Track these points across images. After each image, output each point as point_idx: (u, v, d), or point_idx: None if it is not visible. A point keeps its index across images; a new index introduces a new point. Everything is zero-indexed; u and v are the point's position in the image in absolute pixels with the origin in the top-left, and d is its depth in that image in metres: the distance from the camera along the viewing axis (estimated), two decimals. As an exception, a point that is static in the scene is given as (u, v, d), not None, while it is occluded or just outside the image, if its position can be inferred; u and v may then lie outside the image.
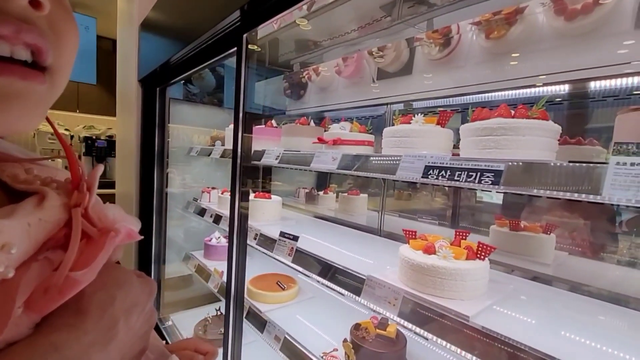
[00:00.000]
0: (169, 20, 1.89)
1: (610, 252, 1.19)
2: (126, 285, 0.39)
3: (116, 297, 0.37)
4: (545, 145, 0.78)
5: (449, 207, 1.77)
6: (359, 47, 1.89)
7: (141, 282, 0.42)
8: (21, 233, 0.30)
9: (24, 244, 0.30)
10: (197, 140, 2.70)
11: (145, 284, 0.42)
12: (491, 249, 0.92)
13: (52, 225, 0.33)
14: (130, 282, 0.40)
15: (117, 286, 0.38)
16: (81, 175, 0.38)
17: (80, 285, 0.32)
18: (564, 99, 1.28)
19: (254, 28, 1.15)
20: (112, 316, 0.36)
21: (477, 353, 0.73)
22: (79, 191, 0.36)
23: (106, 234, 0.35)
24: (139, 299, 0.40)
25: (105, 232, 0.35)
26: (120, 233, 0.36)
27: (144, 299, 0.41)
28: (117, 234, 0.36)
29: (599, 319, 0.89)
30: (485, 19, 1.33)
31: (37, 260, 0.31)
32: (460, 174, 0.75)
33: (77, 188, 0.37)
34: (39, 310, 0.31)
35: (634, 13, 1.03)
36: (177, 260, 2.58)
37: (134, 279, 0.41)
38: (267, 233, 1.47)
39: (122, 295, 0.38)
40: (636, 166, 0.53)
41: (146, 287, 0.42)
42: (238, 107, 1.25)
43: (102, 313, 0.35)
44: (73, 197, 0.36)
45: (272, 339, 1.40)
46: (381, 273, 1.02)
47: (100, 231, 0.35)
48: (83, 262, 0.33)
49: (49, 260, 0.32)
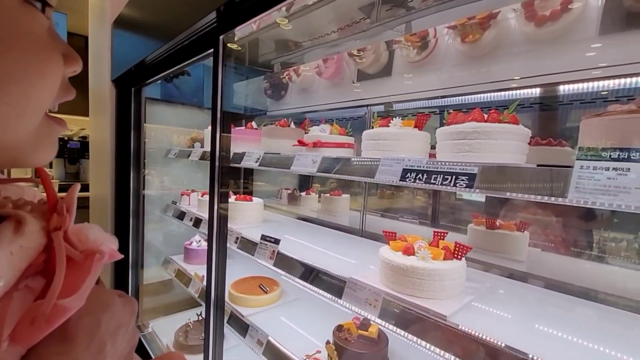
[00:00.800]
0: (143, 19, 1.83)
1: (581, 247, 1.25)
2: (110, 307, 0.39)
3: (102, 321, 0.37)
4: (516, 149, 0.81)
5: (430, 205, 1.80)
6: (339, 48, 1.90)
7: (123, 302, 0.42)
8: (6, 263, 0.28)
9: (9, 274, 0.28)
10: (176, 141, 2.64)
11: (128, 304, 0.42)
12: (467, 249, 0.95)
13: (34, 251, 0.31)
14: (114, 304, 0.40)
15: (102, 309, 0.38)
16: (56, 195, 0.37)
17: (69, 312, 0.31)
18: (535, 102, 1.33)
19: (231, 30, 1.13)
20: (100, 340, 0.36)
21: (454, 351, 0.75)
22: (58, 213, 0.35)
23: (91, 256, 0.34)
24: (122, 319, 0.40)
25: (90, 255, 0.34)
26: (105, 254, 0.35)
27: (127, 319, 0.41)
28: (102, 255, 0.35)
29: (570, 313, 0.93)
30: (461, 23, 1.36)
31: (18, 290, 0.29)
32: (437, 177, 0.76)
33: (54, 210, 0.35)
34: (25, 342, 0.30)
35: (597, 20, 1.08)
36: (156, 265, 2.51)
37: (117, 300, 0.41)
38: (248, 236, 1.45)
39: (108, 317, 0.38)
40: (599, 170, 0.56)
41: (129, 307, 0.42)
42: (215, 109, 1.23)
43: (90, 338, 0.35)
44: (52, 220, 0.34)
45: (255, 343, 1.39)
46: (362, 274, 1.03)
47: (83, 254, 0.34)
48: (69, 288, 0.31)
49: (29, 288, 0.31)
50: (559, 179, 0.59)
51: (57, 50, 0.36)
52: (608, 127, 0.63)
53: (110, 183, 2.36)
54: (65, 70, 0.39)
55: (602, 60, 1.07)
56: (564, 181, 0.59)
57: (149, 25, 1.76)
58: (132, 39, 1.95)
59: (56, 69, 0.36)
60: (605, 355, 0.70)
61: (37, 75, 0.34)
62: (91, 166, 3.02)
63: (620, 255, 1.15)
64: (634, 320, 0.88)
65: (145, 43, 1.76)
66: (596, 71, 1.09)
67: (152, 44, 1.67)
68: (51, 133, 0.40)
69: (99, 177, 2.68)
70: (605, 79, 1.10)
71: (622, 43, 1.02)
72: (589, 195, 0.56)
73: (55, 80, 0.37)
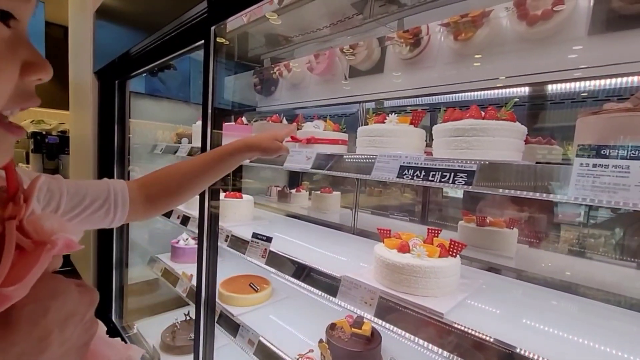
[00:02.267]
0: (128, 8, 1.76)
1: (567, 243, 1.28)
2: (62, 296, 0.39)
3: (50, 308, 0.37)
4: (513, 146, 0.82)
5: (418, 202, 1.81)
6: (330, 44, 1.88)
7: (80, 291, 0.41)
8: None
9: None
10: (161, 136, 2.56)
11: (85, 293, 0.42)
12: (462, 246, 0.95)
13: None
14: (68, 292, 0.40)
15: (52, 297, 0.38)
16: (19, 184, 0.37)
17: (10, 300, 0.31)
18: (525, 100, 1.35)
19: (223, 21, 1.09)
20: (44, 327, 0.36)
21: (452, 348, 0.75)
22: (15, 203, 0.35)
23: (41, 246, 0.34)
24: (76, 309, 0.40)
25: (40, 245, 0.34)
26: (56, 245, 0.35)
27: (82, 309, 0.41)
28: (53, 246, 0.35)
29: (559, 307, 0.95)
30: (454, 20, 1.36)
31: None
32: (435, 174, 0.76)
33: (12, 199, 0.35)
34: None
35: (587, 21, 1.09)
36: (141, 264, 2.43)
37: (72, 288, 0.41)
38: (239, 234, 1.42)
39: (58, 305, 0.38)
40: (598, 168, 0.56)
41: (86, 297, 0.42)
42: (207, 104, 1.19)
43: (33, 324, 0.35)
44: (7, 208, 0.35)
45: (246, 343, 1.36)
46: (356, 272, 1.02)
47: (35, 243, 0.35)
48: (15, 277, 0.32)
49: None
50: (558, 176, 0.60)
51: (10, 61, 0.37)
52: (605, 125, 0.64)
53: (93, 179, 2.27)
54: (26, 79, 0.39)
55: (591, 60, 1.08)
56: (563, 178, 0.59)
57: (134, 14, 1.69)
58: (116, 29, 1.87)
59: (3, 80, 0.37)
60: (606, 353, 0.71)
61: None
62: (72, 162, 2.91)
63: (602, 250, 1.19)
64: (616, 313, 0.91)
65: (130, 33, 1.69)
66: (585, 71, 1.11)
67: (138, 34, 1.60)
68: (2, 141, 0.39)
69: (80, 173, 2.58)
70: (595, 79, 1.13)
71: (611, 43, 1.04)
72: (589, 192, 0.56)
73: (3, 91, 0.37)
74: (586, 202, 0.56)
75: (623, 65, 1.00)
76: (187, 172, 0.86)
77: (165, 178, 0.84)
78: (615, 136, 0.62)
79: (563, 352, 0.69)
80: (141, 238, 2.54)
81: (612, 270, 1.13)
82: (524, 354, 0.66)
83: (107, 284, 2.32)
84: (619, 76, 1.07)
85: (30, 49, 0.40)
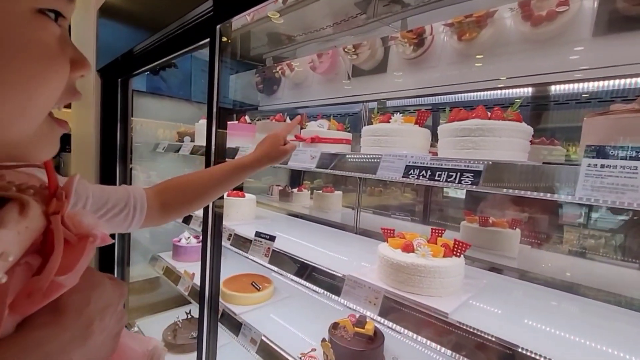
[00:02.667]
0: (132, 6, 1.75)
1: (568, 243, 1.28)
2: (100, 287, 0.42)
3: (91, 298, 0.40)
4: (519, 146, 0.82)
5: (418, 202, 1.82)
6: (333, 43, 1.88)
7: (113, 284, 0.44)
8: (14, 241, 0.31)
9: (16, 251, 0.32)
10: (162, 135, 2.56)
11: (117, 286, 0.45)
12: (466, 246, 0.95)
13: (36, 233, 0.34)
14: (104, 284, 0.43)
15: (92, 288, 0.41)
16: (57, 182, 0.40)
17: (63, 288, 0.34)
18: (528, 101, 1.35)
19: (229, 19, 1.09)
20: (88, 316, 0.39)
21: (456, 348, 0.75)
22: (58, 199, 0.38)
23: (85, 239, 0.37)
24: (111, 300, 0.43)
25: (84, 238, 0.37)
26: (97, 238, 0.37)
27: (115, 301, 0.44)
28: (95, 239, 0.37)
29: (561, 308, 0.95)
30: (458, 21, 1.36)
31: (20, 265, 0.32)
32: (441, 174, 0.76)
33: (54, 195, 0.38)
34: (22, 311, 0.33)
35: (591, 22, 1.09)
36: (142, 263, 2.43)
37: (107, 281, 0.44)
38: (242, 233, 1.42)
39: (96, 296, 0.41)
40: (606, 168, 0.56)
41: (117, 289, 0.45)
42: (212, 102, 1.19)
43: (79, 313, 0.38)
44: (52, 204, 0.37)
45: (248, 342, 1.36)
46: (360, 272, 1.02)
47: (77, 237, 0.37)
48: (65, 267, 0.34)
49: (29, 265, 0.34)
50: (566, 177, 0.60)
51: (63, 58, 0.40)
52: (613, 126, 0.64)
53: (95, 178, 2.27)
54: (73, 75, 0.42)
55: (596, 61, 1.08)
56: (571, 179, 0.59)
57: (138, 12, 1.68)
58: (119, 27, 1.87)
59: (59, 76, 0.40)
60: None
61: (39, 81, 0.38)
62: (73, 160, 2.90)
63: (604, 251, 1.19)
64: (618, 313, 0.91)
65: (134, 31, 1.69)
66: (589, 72, 1.11)
67: (142, 32, 1.60)
68: (52, 132, 0.43)
69: (82, 171, 2.57)
70: (599, 80, 1.13)
71: (615, 44, 1.04)
72: (597, 193, 0.56)
73: (58, 86, 0.40)
74: (593, 203, 0.56)
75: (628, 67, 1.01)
76: (206, 181, 0.88)
77: (183, 186, 0.86)
78: (623, 137, 0.62)
79: (568, 354, 0.69)
80: (142, 236, 2.54)
81: (614, 271, 1.13)
82: (529, 354, 0.67)
83: (109, 282, 2.32)
84: (624, 77, 1.07)
85: (74, 47, 0.42)
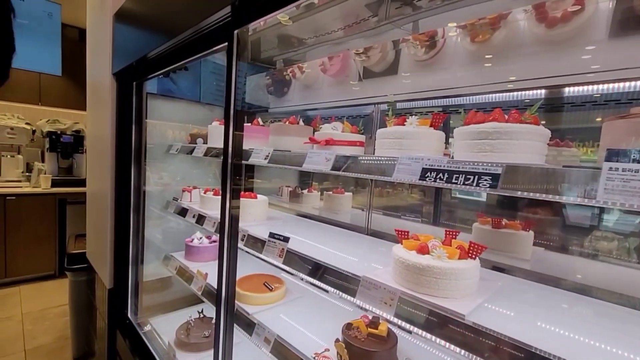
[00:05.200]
0: (148, 12, 1.79)
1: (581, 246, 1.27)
2: None
3: None
4: (537, 149, 0.82)
5: (427, 203, 1.81)
6: (344, 46, 1.89)
7: None
8: None
9: None
10: (172, 136, 2.60)
11: None
12: (482, 248, 0.96)
13: None
14: None
15: None
16: None
17: None
18: (543, 103, 1.34)
19: (246, 25, 1.11)
20: None
21: (473, 350, 0.76)
22: None
23: None
24: None
25: None
26: None
27: None
28: None
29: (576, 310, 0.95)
30: (471, 22, 1.37)
31: None
32: (458, 177, 0.76)
33: None
34: None
35: (608, 23, 1.09)
36: (154, 262, 2.48)
37: None
38: (255, 234, 1.44)
39: None
40: (627, 172, 0.57)
41: None
42: (229, 105, 1.21)
43: None
44: None
45: (262, 341, 1.38)
46: (375, 273, 1.03)
47: None
48: None
49: None
50: (587, 181, 0.60)
51: None
52: (633, 129, 0.64)
53: (111, 179, 2.32)
54: None
55: (612, 63, 1.08)
56: (592, 183, 0.59)
57: (155, 18, 1.72)
58: (135, 32, 1.91)
59: None
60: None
61: None
62: (89, 161, 2.96)
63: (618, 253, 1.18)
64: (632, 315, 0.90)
65: (150, 37, 1.73)
66: (605, 74, 1.11)
67: (158, 38, 1.63)
68: None
69: (97, 172, 2.63)
70: (616, 82, 1.12)
71: (631, 46, 1.03)
72: (618, 196, 0.56)
73: None
74: (616, 207, 0.56)
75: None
76: None
77: None
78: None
79: (582, 355, 0.70)
80: (154, 236, 2.59)
81: (627, 273, 1.12)
82: (547, 356, 0.67)
83: (124, 281, 2.36)
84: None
85: None
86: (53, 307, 4.08)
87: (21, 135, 4.89)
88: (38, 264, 4.73)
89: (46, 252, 4.77)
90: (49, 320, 3.79)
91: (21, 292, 4.41)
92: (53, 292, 4.47)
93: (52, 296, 4.33)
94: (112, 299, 2.44)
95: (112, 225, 2.36)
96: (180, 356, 1.92)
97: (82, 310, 3.08)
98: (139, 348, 2.11)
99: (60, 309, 4.00)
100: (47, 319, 3.81)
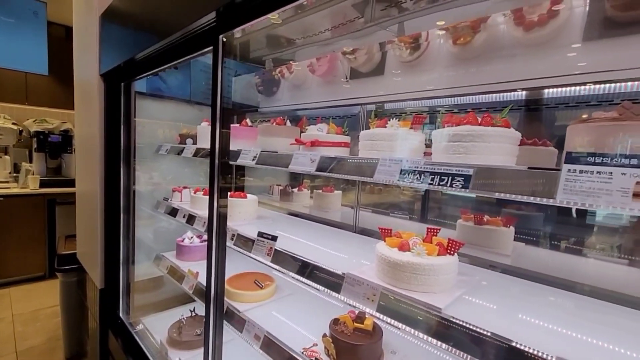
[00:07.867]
0: (136, 14, 1.79)
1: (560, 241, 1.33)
2: None
3: None
4: (508, 151, 0.86)
5: (416, 201, 1.86)
6: (332, 47, 1.91)
7: None
8: None
9: None
10: (162, 135, 2.60)
11: None
12: (460, 245, 1.00)
13: None
14: None
15: None
16: None
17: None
18: (522, 104, 1.39)
19: (231, 30, 1.13)
20: None
21: (449, 341, 0.80)
22: None
23: None
24: None
25: None
26: None
27: None
28: None
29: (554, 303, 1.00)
30: (453, 25, 1.40)
31: None
32: (434, 178, 0.80)
33: None
34: None
35: (581, 28, 1.13)
36: (146, 262, 2.49)
37: None
38: (245, 233, 1.47)
39: None
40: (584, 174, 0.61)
41: None
42: (215, 107, 1.24)
43: None
44: None
45: (252, 338, 1.41)
46: (359, 270, 1.07)
47: None
48: None
49: None
50: (548, 181, 0.64)
51: None
52: (593, 133, 0.68)
53: (100, 179, 2.32)
54: None
55: (585, 66, 1.12)
56: (552, 183, 0.63)
57: (143, 20, 1.72)
58: (122, 34, 1.91)
59: None
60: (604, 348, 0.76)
61: None
62: (77, 161, 2.94)
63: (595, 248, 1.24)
64: (611, 309, 0.96)
65: (138, 38, 1.73)
66: (579, 76, 1.15)
67: (145, 40, 1.64)
68: None
69: (86, 172, 2.62)
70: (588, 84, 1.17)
71: (604, 50, 1.08)
72: (576, 196, 0.61)
73: None
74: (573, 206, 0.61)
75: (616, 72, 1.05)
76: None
77: None
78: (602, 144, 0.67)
79: (558, 345, 0.74)
80: (145, 236, 2.59)
81: (605, 267, 1.18)
82: (519, 347, 0.71)
83: (115, 281, 2.37)
84: (612, 82, 1.11)
85: None
86: (44, 308, 4.06)
87: (8, 136, 4.81)
88: (28, 266, 4.68)
89: (36, 253, 4.73)
90: (41, 322, 3.77)
91: (11, 294, 4.37)
92: (44, 293, 4.43)
93: (43, 297, 4.30)
94: (103, 299, 2.45)
95: (102, 225, 2.36)
96: (173, 354, 1.94)
97: (73, 310, 3.07)
98: (131, 347, 2.13)
99: (52, 310, 3.98)
100: (38, 320, 3.79)
